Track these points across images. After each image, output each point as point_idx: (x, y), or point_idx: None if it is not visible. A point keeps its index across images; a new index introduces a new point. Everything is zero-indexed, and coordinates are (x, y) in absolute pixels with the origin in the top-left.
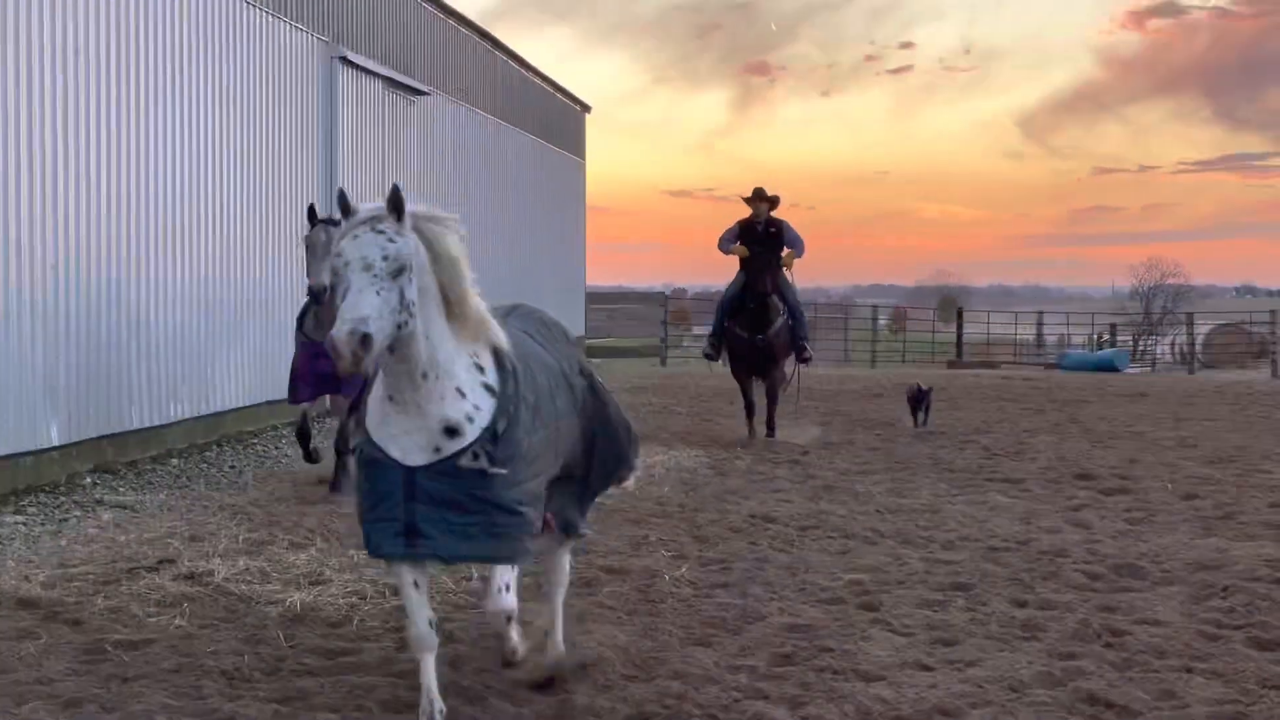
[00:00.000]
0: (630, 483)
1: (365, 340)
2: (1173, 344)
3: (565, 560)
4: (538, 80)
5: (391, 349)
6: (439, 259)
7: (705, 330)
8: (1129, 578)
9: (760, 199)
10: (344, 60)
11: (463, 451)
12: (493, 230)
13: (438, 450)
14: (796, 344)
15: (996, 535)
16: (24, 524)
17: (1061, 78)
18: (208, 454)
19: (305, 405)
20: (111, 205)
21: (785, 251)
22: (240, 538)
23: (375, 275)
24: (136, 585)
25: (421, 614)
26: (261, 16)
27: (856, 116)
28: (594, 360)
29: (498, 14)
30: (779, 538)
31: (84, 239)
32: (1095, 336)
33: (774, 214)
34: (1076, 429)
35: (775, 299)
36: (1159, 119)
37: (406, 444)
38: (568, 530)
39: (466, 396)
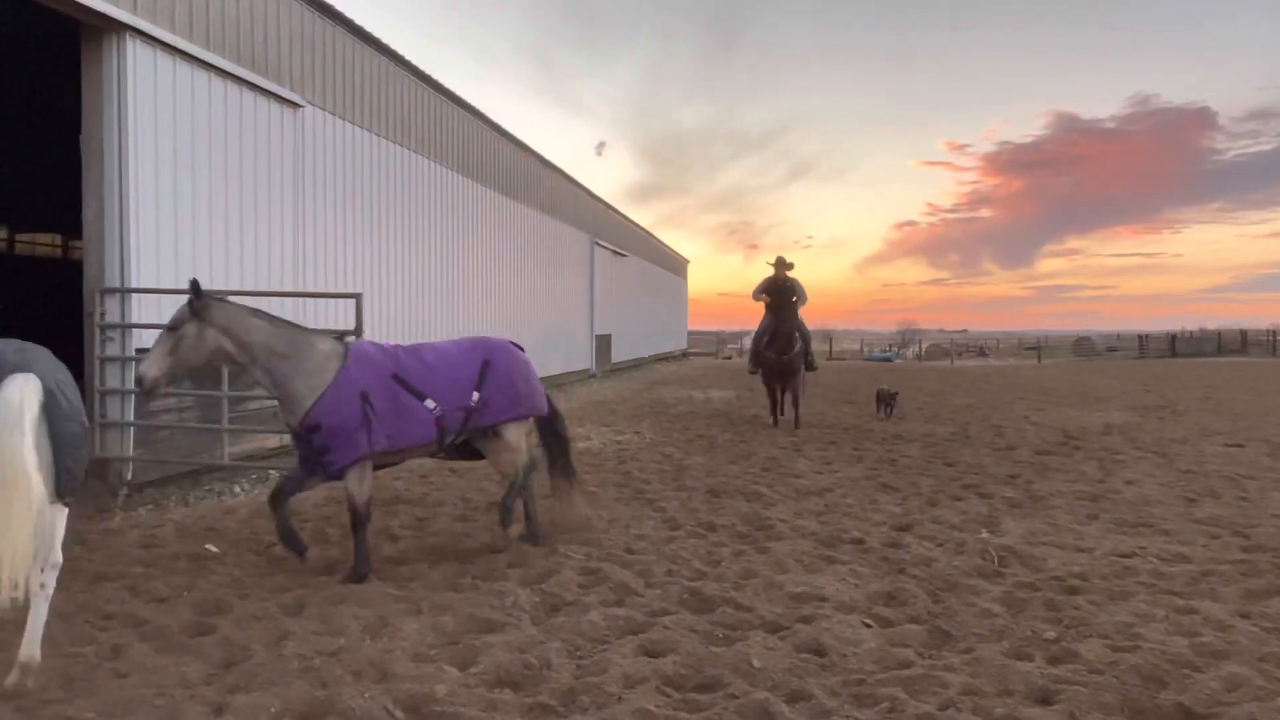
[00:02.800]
0: None
1: None
2: None
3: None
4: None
5: None
6: None
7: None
8: None
9: (781, 265)
10: (597, 244)
11: None
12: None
13: None
14: (807, 360)
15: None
16: None
17: None
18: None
19: None
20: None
21: (794, 299)
22: None
23: None
24: None
25: None
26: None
27: None
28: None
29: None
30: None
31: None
32: None
33: (789, 274)
34: None
35: (795, 333)
36: None
37: None
38: None
39: None
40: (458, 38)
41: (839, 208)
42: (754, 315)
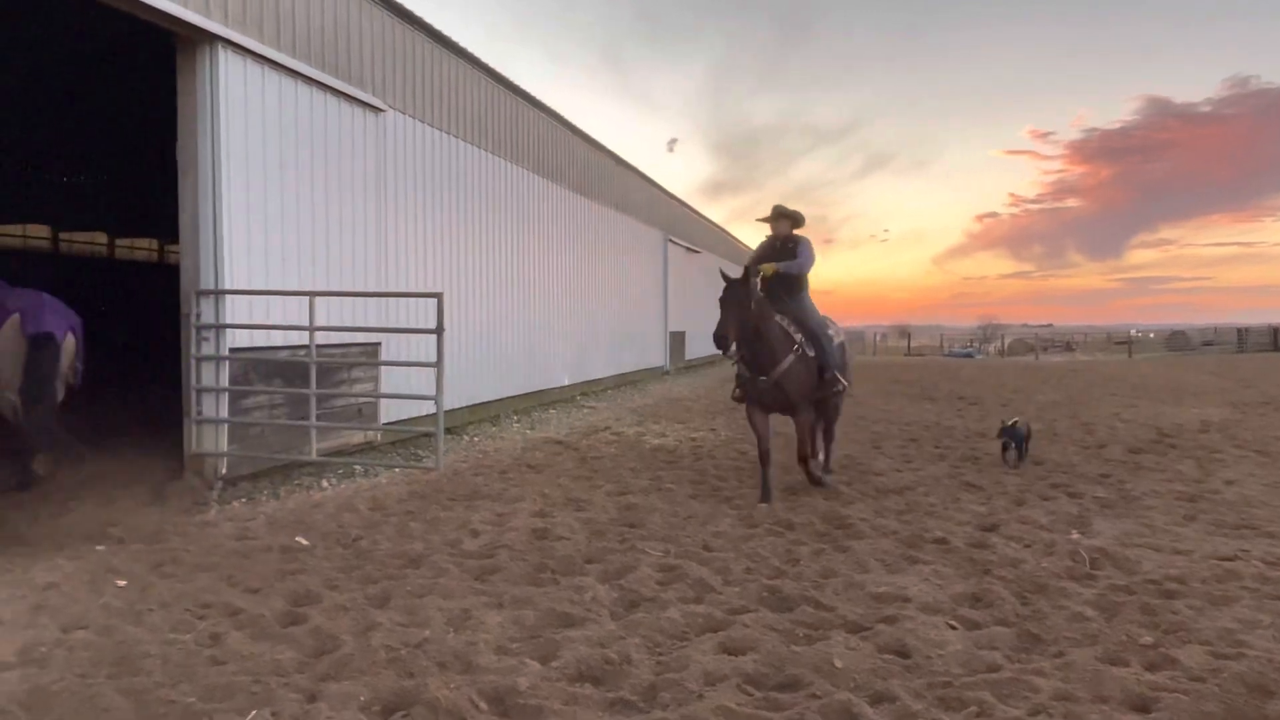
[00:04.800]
0: None
1: None
2: None
3: None
4: (730, 237)
5: None
6: None
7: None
8: None
9: (780, 216)
10: (671, 241)
11: None
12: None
13: None
14: (825, 375)
15: None
16: (555, 414)
17: None
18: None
19: None
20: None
21: (767, 265)
22: (632, 421)
23: None
24: (595, 436)
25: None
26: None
27: None
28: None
29: None
30: None
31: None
32: None
33: (797, 232)
34: None
35: (780, 328)
36: None
37: None
38: None
39: None
40: (527, 36)
41: (917, 200)
42: (832, 310)
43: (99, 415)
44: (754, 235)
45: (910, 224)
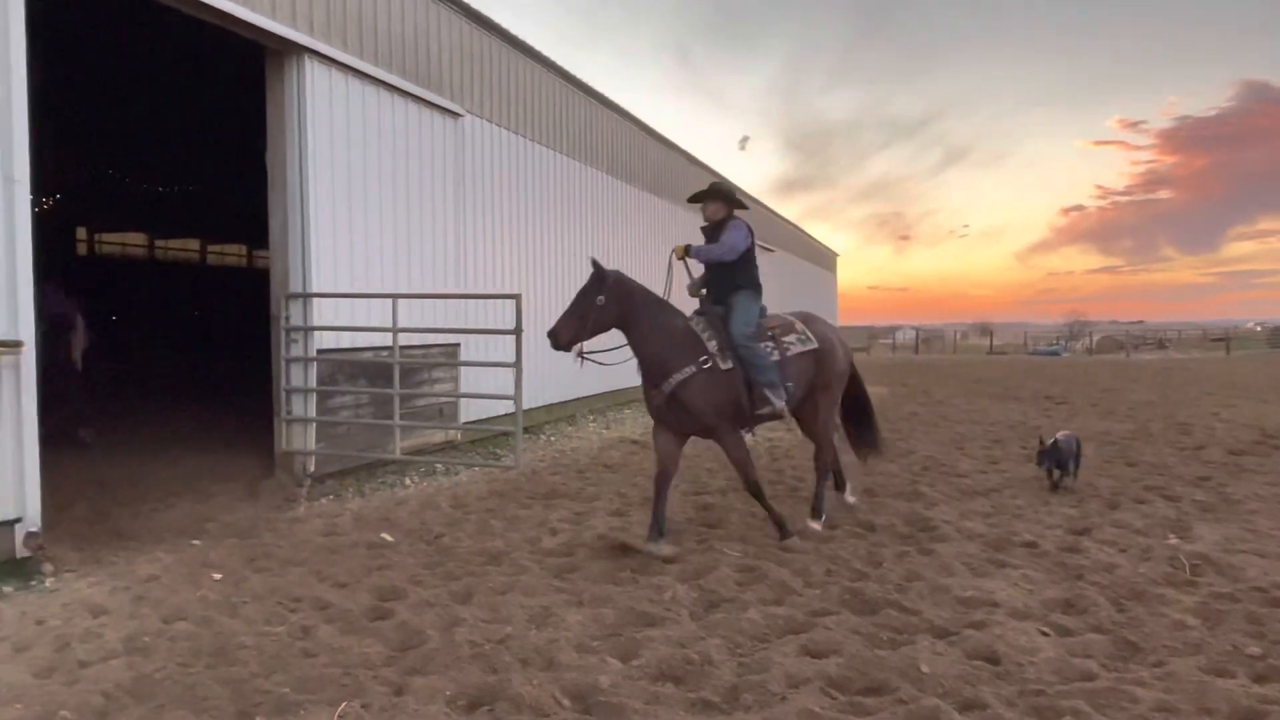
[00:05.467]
0: None
1: None
2: None
3: None
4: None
5: None
6: None
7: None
8: None
9: (710, 196)
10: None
11: None
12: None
13: None
14: (753, 394)
15: None
16: (629, 413)
17: None
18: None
19: None
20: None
21: (678, 246)
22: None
23: None
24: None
25: None
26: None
27: None
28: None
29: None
30: None
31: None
32: None
33: (735, 211)
34: None
35: (685, 332)
36: None
37: None
38: None
39: None
40: (597, 36)
41: (998, 193)
42: (909, 308)
43: (196, 414)
44: (828, 232)
45: (991, 219)
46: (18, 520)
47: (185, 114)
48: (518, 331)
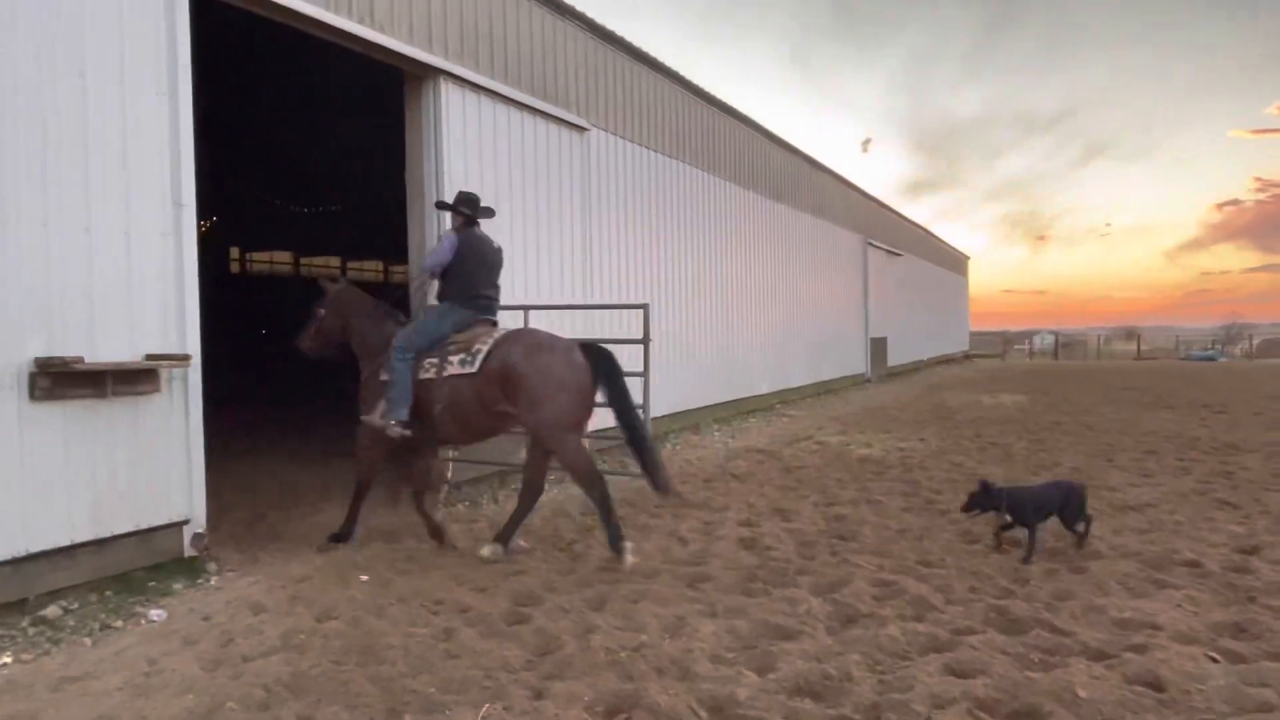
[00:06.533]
0: None
1: None
2: None
3: None
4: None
5: None
6: None
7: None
8: None
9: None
10: (871, 244)
11: None
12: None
13: None
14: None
15: None
16: (754, 422)
17: None
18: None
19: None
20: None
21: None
22: (834, 429)
23: None
24: (798, 445)
25: None
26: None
27: None
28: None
29: None
30: None
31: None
32: None
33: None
34: None
35: (374, 345)
36: None
37: None
38: None
39: None
40: (714, 40)
41: (1143, 189)
42: (1047, 312)
43: (341, 423)
44: (959, 236)
45: (1136, 216)
46: (186, 522)
47: (327, 137)
48: (645, 340)
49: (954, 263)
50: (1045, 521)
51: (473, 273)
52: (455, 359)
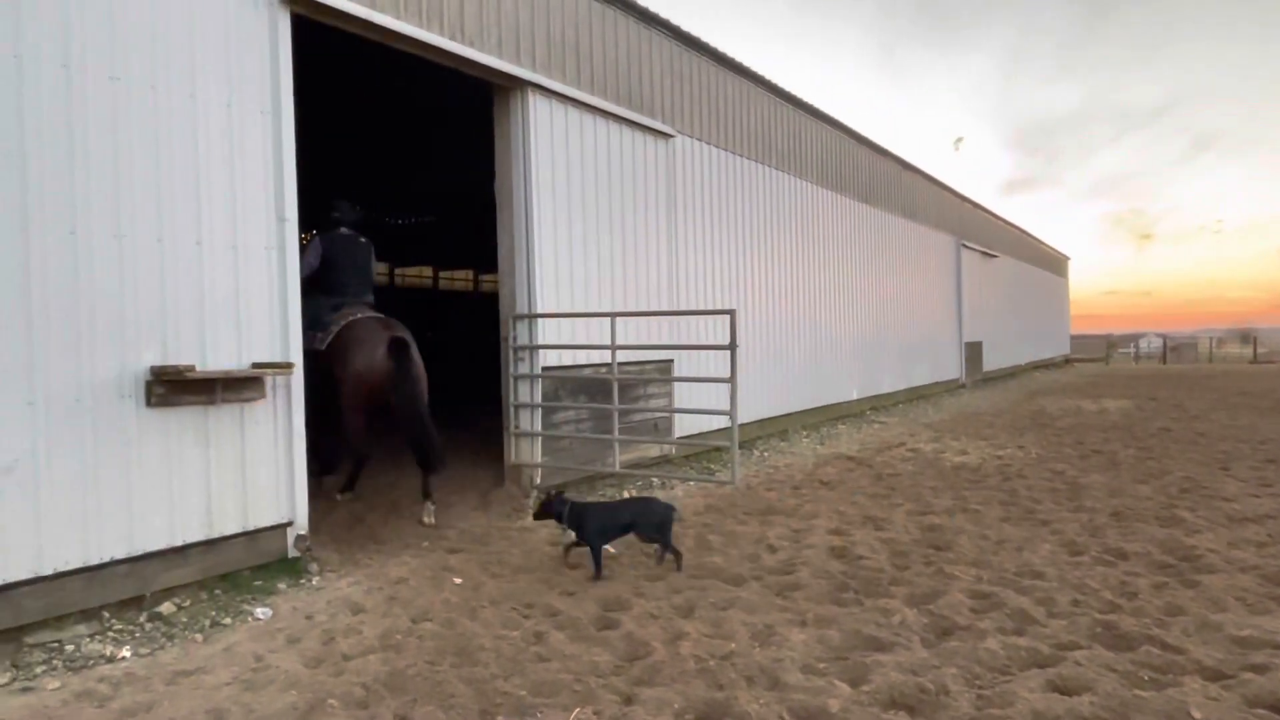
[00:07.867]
0: None
1: None
2: None
3: None
4: (1030, 238)
5: None
6: None
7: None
8: None
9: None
10: (964, 246)
11: None
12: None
13: None
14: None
15: None
16: (844, 429)
17: None
18: (902, 406)
19: None
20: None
21: None
22: (927, 436)
23: None
24: (889, 452)
25: None
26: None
27: None
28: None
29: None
30: None
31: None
32: None
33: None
34: None
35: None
36: None
37: None
38: None
39: None
40: (798, 41)
41: (1256, 184)
42: (1153, 314)
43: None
44: (1057, 236)
45: (1250, 212)
46: (289, 524)
47: (418, 150)
48: (732, 347)
49: (1052, 263)
50: (618, 538)
51: (334, 269)
52: (318, 336)
